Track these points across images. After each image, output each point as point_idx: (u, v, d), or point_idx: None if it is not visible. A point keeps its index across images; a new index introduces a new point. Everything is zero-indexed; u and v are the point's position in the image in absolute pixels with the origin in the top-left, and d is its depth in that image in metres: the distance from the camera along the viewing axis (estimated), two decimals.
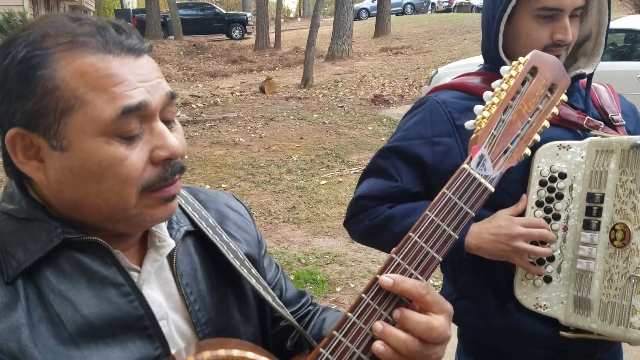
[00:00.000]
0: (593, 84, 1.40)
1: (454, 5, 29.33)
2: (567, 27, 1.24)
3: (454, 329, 1.47)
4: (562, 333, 1.23)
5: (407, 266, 0.71)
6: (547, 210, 1.23)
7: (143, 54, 0.71)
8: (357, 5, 26.09)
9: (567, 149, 1.23)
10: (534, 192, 1.23)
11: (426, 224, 0.72)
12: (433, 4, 30.83)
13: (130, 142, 0.68)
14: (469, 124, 0.81)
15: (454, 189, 0.74)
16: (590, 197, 1.20)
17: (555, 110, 0.81)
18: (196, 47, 18.64)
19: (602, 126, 1.29)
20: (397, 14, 26.57)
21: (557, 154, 1.23)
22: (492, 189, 0.75)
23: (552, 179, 1.23)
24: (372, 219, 1.32)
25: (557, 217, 1.23)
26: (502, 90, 0.80)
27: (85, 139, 0.67)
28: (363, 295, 0.71)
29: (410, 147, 1.31)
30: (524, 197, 1.24)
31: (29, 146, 0.70)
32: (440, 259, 0.72)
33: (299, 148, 7.58)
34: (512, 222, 1.19)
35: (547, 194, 1.23)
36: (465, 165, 0.76)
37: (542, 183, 1.23)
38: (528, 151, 0.80)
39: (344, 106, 10.18)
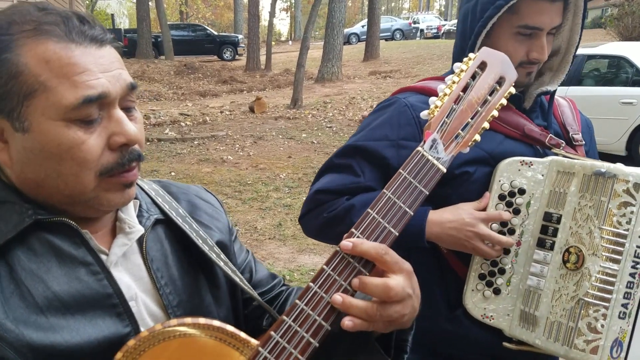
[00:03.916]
0: (556, 97, 1.42)
1: (442, 32, 29.85)
2: (544, 46, 1.26)
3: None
4: (505, 344, 1.25)
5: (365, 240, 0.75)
6: (503, 224, 1.25)
7: (105, 44, 0.74)
8: (347, 30, 26.47)
9: (529, 166, 1.25)
10: (493, 205, 1.25)
11: (383, 201, 0.77)
12: (422, 30, 31.34)
13: (88, 126, 0.71)
14: (424, 114, 0.86)
15: (409, 169, 0.79)
16: (547, 216, 1.21)
17: (503, 101, 0.87)
18: (187, 67, 18.74)
19: (563, 145, 1.31)
20: (386, 39, 26.97)
21: (519, 170, 1.25)
22: (444, 170, 0.81)
23: (512, 194, 1.25)
24: (331, 211, 1.28)
25: (512, 231, 1.25)
26: (453, 82, 0.86)
27: (45, 122, 0.70)
28: (324, 267, 0.74)
29: (376, 148, 1.29)
30: (487, 195, 1.25)
31: None
32: (397, 234, 0.77)
33: (286, 166, 7.61)
34: (476, 219, 1.20)
35: (505, 209, 1.24)
36: (419, 148, 0.81)
37: (502, 197, 1.25)
38: (478, 137, 0.85)
39: (332, 126, 10.25)
